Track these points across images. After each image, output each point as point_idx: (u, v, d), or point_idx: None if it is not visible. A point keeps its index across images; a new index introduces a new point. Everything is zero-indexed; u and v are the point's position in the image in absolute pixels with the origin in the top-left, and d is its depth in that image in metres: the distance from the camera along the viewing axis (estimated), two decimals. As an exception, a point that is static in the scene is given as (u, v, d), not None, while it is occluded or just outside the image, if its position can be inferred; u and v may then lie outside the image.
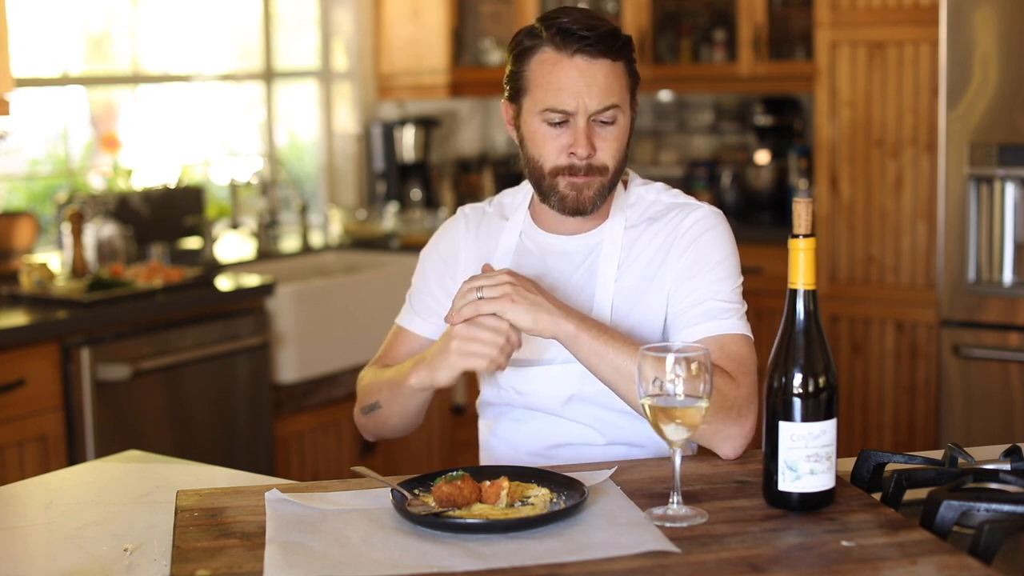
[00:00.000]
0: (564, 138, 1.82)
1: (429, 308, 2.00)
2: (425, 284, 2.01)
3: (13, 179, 4.04)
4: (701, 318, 1.82)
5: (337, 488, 1.66)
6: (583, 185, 1.84)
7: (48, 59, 4.05)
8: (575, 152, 1.81)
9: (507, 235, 1.97)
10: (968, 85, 3.57)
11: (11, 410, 3.04)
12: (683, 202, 1.92)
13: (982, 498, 1.45)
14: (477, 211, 2.03)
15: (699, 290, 1.83)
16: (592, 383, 1.85)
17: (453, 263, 1.99)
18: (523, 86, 1.85)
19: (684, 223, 1.88)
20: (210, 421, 3.52)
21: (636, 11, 4.72)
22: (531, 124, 1.85)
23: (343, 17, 4.81)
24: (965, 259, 3.61)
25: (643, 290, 1.87)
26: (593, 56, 1.79)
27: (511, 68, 1.87)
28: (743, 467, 1.71)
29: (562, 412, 1.89)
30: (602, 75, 1.80)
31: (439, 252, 2.02)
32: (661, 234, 1.89)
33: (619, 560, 1.37)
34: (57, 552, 1.55)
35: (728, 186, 4.73)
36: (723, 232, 1.88)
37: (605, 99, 1.80)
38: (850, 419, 4.18)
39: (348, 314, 3.86)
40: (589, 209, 1.86)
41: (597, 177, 1.84)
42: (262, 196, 4.44)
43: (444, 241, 2.03)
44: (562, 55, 1.80)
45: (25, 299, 3.33)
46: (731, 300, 1.83)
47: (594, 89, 1.79)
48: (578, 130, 1.81)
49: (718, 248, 1.86)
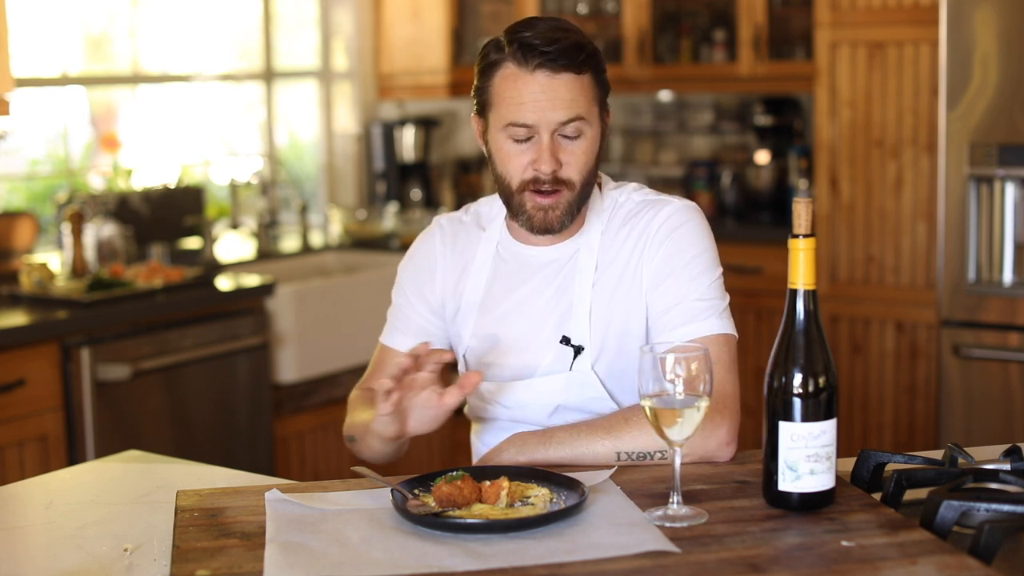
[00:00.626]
0: (529, 154, 1.80)
1: (411, 322, 1.98)
2: (405, 299, 2.00)
3: (13, 179, 4.04)
4: (678, 321, 1.81)
5: (337, 488, 1.66)
6: (549, 206, 1.81)
7: (48, 59, 4.05)
8: (539, 168, 1.79)
9: (484, 246, 1.95)
10: (968, 85, 3.57)
11: (11, 410, 3.04)
12: (654, 199, 1.90)
13: (982, 498, 1.45)
14: (453, 221, 2.01)
15: (674, 290, 1.82)
16: (577, 392, 1.85)
17: (430, 276, 1.98)
18: (488, 101, 1.83)
19: (656, 220, 1.86)
20: (210, 421, 3.52)
21: (636, 11, 4.72)
22: (497, 140, 1.83)
23: (343, 17, 4.82)
24: (965, 259, 3.61)
25: (621, 293, 1.86)
26: (555, 71, 1.76)
27: (476, 83, 1.85)
28: (743, 467, 1.71)
29: (549, 422, 1.88)
30: (564, 89, 1.77)
31: (415, 266, 2.00)
32: (634, 234, 1.87)
33: (619, 560, 1.37)
34: (57, 552, 1.55)
35: (728, 186, 4.73)
36: (696, 226, 1.86)
37: (568, 112, 1.77)
38: (850, 419, 4.18)
39: (348, 314, 3.86)
40: (557, 228, 1.84)
41: (564, 192, 1.81)
42: (262, 196, 4.44)
43: (420, 254, 2.01)
44: (523, 70, 1.77)
45: (25, 299, 3.33)
46: (708, 297, 1.82)
47: (557, 103, 1.77)
48: (542, 146, 1.78)
49: (692, 243, 1.84)
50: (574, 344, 1.85)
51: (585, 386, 1.85)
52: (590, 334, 1.85)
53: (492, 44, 1.83)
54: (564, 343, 1.86)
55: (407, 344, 1.95)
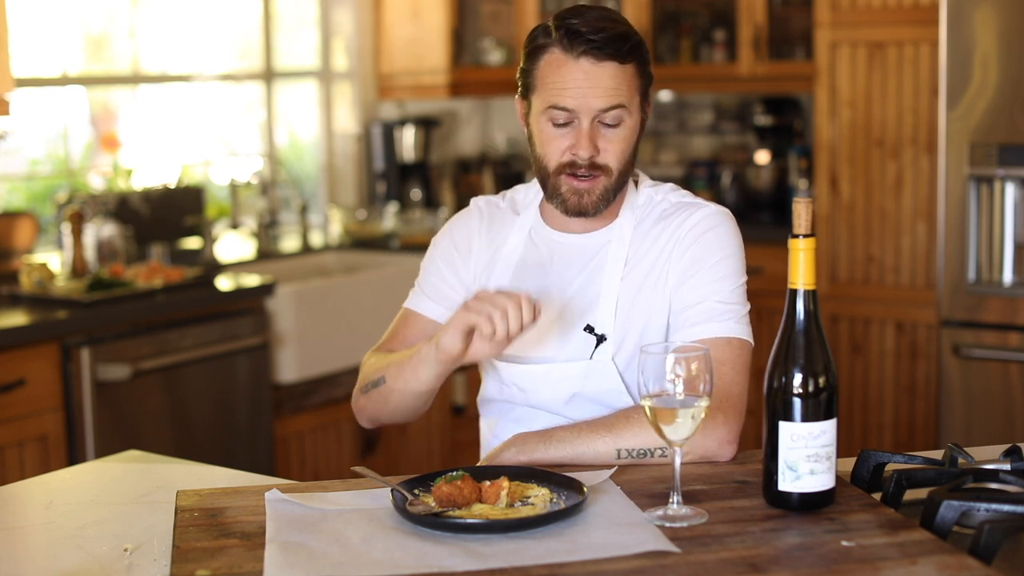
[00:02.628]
0: (568, 138, 1.83)
1: (439, 291, 1.99)
2: (436, 268, 2.01)
3: (13, 179, 4.04)
4: (697, 319, 1.82)
5: (337, 488, 1.66)
6: (585, 190, 1.84)
7: (48, 59, 4.05)
8: (577, 153, 1.82)
9: (517, 231, 1.97)
10: (968, 85, 3.57)
11: (11, 410, 3.04)
12: (690, 201, 1.92)
13: (982, 498, 1.45)
14: (491, 204, 2.03)
15: (698, 290, 1.84)
16: (596, 381, 1.86)
17: (467, 252, 1.99)
18: (532, 84, 1.86)
19: (688, 222, 1.88)
20: (210, 421, 3.52)
21: (636, 11, 4.71)
22: (538, 123, 1.86)
23: (343, 17, 4.81)
24: (965, 259, 3.61)
25: (647, 289, 1.87)
26: (599, 58, 1.80)
27: (523, 65, 1.89)
28: (743, 467, 1.71)
29: (564, 411, 1.89)
30: (607, 76, 1.80)
31: (453, 240, 2.01)
32: (666, 233, 1.89)
33: (619, 560, 1.37)
34: (57, 552, 1.55)
35: (728, 186, 4.73)
36: (727, 231, 1.88)
37: (609, 100, 1.80)
38: (850, 419, 4.18)
39: (348, 314, 3.86)
40: (591, 212, 1.87)
41: (600, 178, 1.84)
42: (262, 196, 4.44)
43: (459, 230, 2.02)
44: (568, 56, 1.81)
45: (25, 299, 3.33)
46: (730, 300, 1.83)
47: (599, 90, 1.80)
48: (581, 131, 1.82)
49: (720, 247, 1.86)
50: (597, 333, 1.86)
51: (604, 376, 1.86)
52: (614, 326, 1.86)
53: (540, 28, 1.86)
54: (588, 331, 1.87)
55: (433, 310, 1.97)
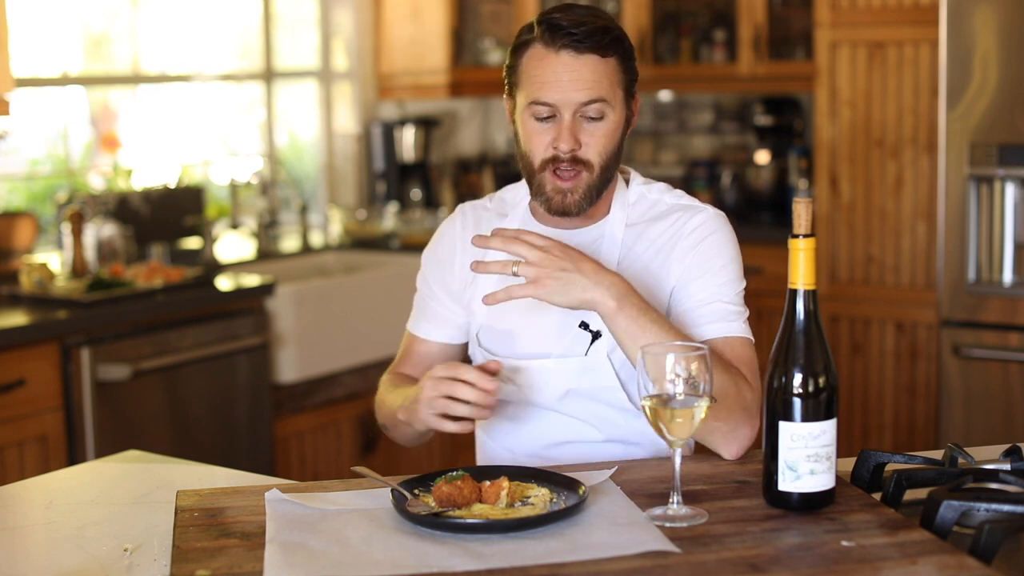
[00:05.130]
0: (550, 133, 1.83)
1: (435, 313, 2.00)
2: (428, 289, 2.02)
3: (13, 179, 4.04)
4: (711, 318, 1.82)
5: (337, 488, 1.66)
6: (568, 189, 1.84)
7: (48, 59, 4.05)
8: (558, 146, 1.82)
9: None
10: (968, 85, 3.57)
11: (11, 410, 3.04)
12: (687, 204, 1.92)
13: (982, 498, 1.45)
14: (477, 208, 2.03)
15: (707, 290, 1.84)
16: (591, 378, 1.86)
17: (450, 262, 2.00)
18: (516, 81, 1.87)
19: (688, 225, 1.88)
20: (210, 421, 3.52)
21: (636, 11, 4.71)
22: (522, 119, 1.86)
23: (343, 17, 4.81)
24: (965, 259, 3.61)
25: (641, 288, 1.86)
26: (579, 51, 1.79)
27: (507, 63, 1.90)
28: (743, 467, 1.71)
29: (559, 407, 1.89)
30: (588, 70, 1.80)
31: (436, 255, 2.03)
32: (664, 235, 1.89)
33: (619, 560, 1.37)
34: (57, 552, 1.55)
35: (728, 186, 4.73)
36: (728, 236, 1.89)
37: (590, 93, 1.80)
38: (850, 419, 4.18)
39: (348, 314, 3.86)
40: (575, 211, 1.86)
41: (583, 175, 1.83)
42: (262, 196, 4.43)
43: (440, 242, 2.03)
44: (549, 50, 1.81)
45: (25, 299, 3.33)
46: (736, 303, 1.84)
47: (579, 83, 1.79)
48: (563, 124, 1.81)
49: (723, 251, 1.86)
50: (592, 330, 1.86)
51: (599, 373, 1.85)
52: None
53: (525, 27, 1.87)
54: (583, 328, 1.87)
55: (431, 332, 2.01)
